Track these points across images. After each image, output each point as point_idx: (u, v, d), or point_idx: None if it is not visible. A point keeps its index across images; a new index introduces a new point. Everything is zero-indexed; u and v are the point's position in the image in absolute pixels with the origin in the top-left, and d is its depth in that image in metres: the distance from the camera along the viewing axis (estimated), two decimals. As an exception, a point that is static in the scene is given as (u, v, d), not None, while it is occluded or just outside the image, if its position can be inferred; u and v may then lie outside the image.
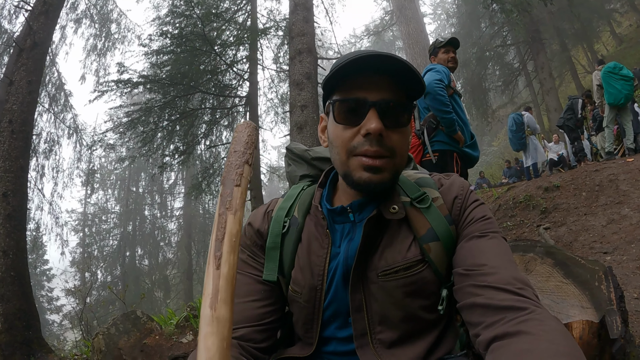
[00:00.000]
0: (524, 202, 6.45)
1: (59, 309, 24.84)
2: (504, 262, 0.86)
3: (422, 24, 19.13)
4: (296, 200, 1.13)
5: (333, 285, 1.00)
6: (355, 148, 0.92)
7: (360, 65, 0.91)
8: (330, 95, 0.99)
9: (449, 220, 0.98)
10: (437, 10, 40.52)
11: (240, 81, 11.62)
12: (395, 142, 0.93)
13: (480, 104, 20.69)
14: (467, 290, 0.85)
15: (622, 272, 3.42)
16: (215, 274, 0.62)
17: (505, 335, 0.70)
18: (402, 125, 0.95)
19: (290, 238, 1.06)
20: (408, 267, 0.95)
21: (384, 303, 0.95)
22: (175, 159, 10.82)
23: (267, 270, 1.06)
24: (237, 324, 0.99)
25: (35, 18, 7.66)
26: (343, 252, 0.99)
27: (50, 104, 12.45)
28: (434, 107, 3.34)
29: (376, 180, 0.92)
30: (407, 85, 0.95)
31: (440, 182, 1.06)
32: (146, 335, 4.23)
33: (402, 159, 0.97)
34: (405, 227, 0.99)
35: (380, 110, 0.91)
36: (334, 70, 0.92)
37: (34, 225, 13.94)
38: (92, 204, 29.52)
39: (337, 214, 1.03)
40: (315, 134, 6.54)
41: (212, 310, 0.59)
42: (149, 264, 28.09)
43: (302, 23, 7.53)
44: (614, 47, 24.80)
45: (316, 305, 1.01)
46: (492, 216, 0.99)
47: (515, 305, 0.75)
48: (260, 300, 1.04)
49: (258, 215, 1.14)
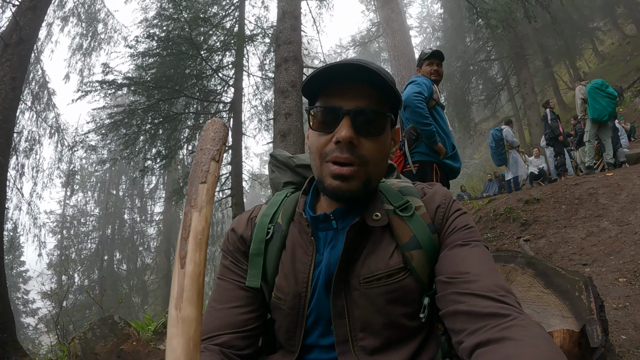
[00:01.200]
0: (505, 214, 6.53)
1: (34, 312, 24.39)
2: (487, 270, 0.86)
3: (408, 36, 19.31)
4: (280, 207, 1.13)
5: (316, 293, 0.99)
6: (327, 154, 0.93)
7: (338, 74, 0.91)
8: (312, 102, 1.00)
9: (432, 228, 0.99)
10: (423, 24, 41.19)
11: (225, 87, 11.59)
12: (368, 151, 0.93)
13: (463, 117, 20.99)
14: (450, 297, 0.85)
15: (601, 284, 3.48)
16: (181, 273, 0.60)
17: (488, 341, 0.70)
18: (375, 134, 0.95)
19: (274, 245, 1.05)
20: (390, 275, 0.95)
21: (366, 310, 0.95)
22: (157, 162, 10.71)
23: (250, 277, 1.04)
24: (219, 330, 0.98)
25: (23, 13, 7.54)
26: (326, 259, 0.99)
27: (33, 102, 12.23)
28: (413, 120, 3.38)
29: (345, 187, 0.92)
30: (387, 95, 0.96)
31: (424, 191, 1.07)
32: (123, 340, 4.16)
33: (377, 167, 0.97)
34: (388, 235, 0.99)
35: (353, 119, 0.91)
36: (309, 78, 0.93)
37: (12, 225, 13.65)
38: (71, 206, 29.04)
39: (320, 221, 1.03)
40: (298, 142, 6.55)
41: (177, 311, 0.57)
42: (127, 268, 27.66)
43: (290, 31, 7.55)
44: (596, 65, 25.50)
45: (300, 312, 1.00)
46: (474, 225, 1.00)
47: (498, 312, 0.75)
48: (243, 307, 1.03)
49: (241, 222, 1.13)
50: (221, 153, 0.75)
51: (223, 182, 11.42)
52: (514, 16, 10.52)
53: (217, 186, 5.39)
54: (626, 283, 3.46)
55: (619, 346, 2.51)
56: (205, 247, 0.63)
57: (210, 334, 0.97)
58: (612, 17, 24.32)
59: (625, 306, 3.09)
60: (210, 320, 1.01)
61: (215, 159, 0.73)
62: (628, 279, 3.52)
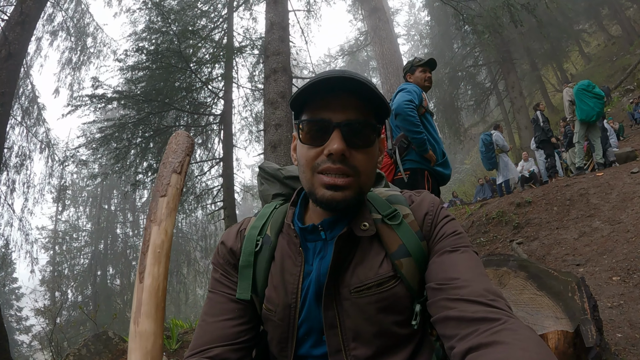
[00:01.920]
0: (497, 218, 6.56)
1: (28, 329, 24.10)
2: (476, 275, 0.87)
3: (396, 44, 19.50)
4: (269, 219, 1.13)
5: (306, 303, 0.99)
6: (318, 165, 0.93)
7: (324, 87, 0.91)
8: (299, 115, 1.00)
9: (420, 236, 1.00)
10: (410, 32, 41.63)
11: (215, 99, 11.59)
12: (360, 162, 0.94)
13: (453, 123, 21.09)
14: (440, 304, 0.85)
15: (595, 283, 3.49)
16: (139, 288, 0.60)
17: (479, 346, 0.70)
18: (366, 146, 0.95)
19: (263, 256, 1.05)
20: (380, 284, 0.95)
21: (357, 319, 0.95)
22: (148, 176, 10.64)
23: (240, 289, 1.04)
24: (211, 343, 0.98)
25: (12, 28, 7.50)
26: (315, 269, 0.99)
27: (23, 117, 12.12)
28: (404, 128, 3.39)
29: (338, 198, 0.92)
30: (375, 105, 0.96)
31: (411, 199, 1.08)
32: (118, 356, 4.13)
33: (368, 177, 0.97)
34: (377, 244, 1.00)
35: (344, 131, 0.92)
36: (297, 93, 0.93)
37: (3, 242, 13.51)
38: (63, 221, 28.71)
39: (308, 232, 1.03)
40: (289, 153, 6.54)
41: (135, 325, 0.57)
42: (120, 283, 27.36)
43: (278, 42, 7.57)
44: (582, 66, 25.86)
45: (290, 323, 1.00)
46: (462, 231, 1.01)
47: (489, 317, 0.75)
48: (234, 319, 1.02)
49: (231, 234, 1.13)
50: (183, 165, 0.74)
51: (215, 194, 11.38)
52: (500, 21, 10.61)
53: (209, 198, 5.31)
54: (620, 281, 3.48)
55: (615, 344, 2.52)
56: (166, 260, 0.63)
57: (202, 347, 0.97)
58: (597, 19, 24.68)
59: (619, 304, 3.10)
60: (202, 333, 1.00)
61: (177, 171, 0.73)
62: (622, 277, 3.54)
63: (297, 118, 1.00)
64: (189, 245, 23.25)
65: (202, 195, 11.71)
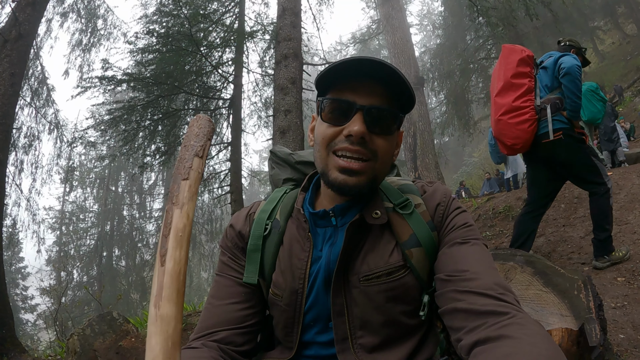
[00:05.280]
0: (504, 212, 6.53)
1: (33, 308, 24.35)
2: (486, 268, 0.86)
3: (408, 34, 19.27)
4: (279, 203, 1.13)
5: (314, 290, 0.99)
6: (335, 145, 0.93)
7: (355, 69, 0.91)
8: (324, 94, 0.99)
9: (431, 226, 0.99)
10: (423, 21, 41.12)
11: (225, 83, 11.54)
12: (379, 147, 0.93)
13: (463, 115, 20.89)
14: (449, 295, 0.85)
15: (600, 282, 3.48)
16: (160, 271, 0.60)
17: (487, 339, 0.70)
18: (387, 133, 0.95)
19: (271, 241, 1.05)
20: (390, 273, 0.95)
21: (365, 308, 0.95)
22: (156, 159, 10.67)
23: (248, 273, 1.05)
24: (217, 326, 0.98)
25: (22, 9, 7.49)
26: (325, 256, 0.99)
27: (32, 98, 12.14)
28: (569, 89, 3.38)
29: (351, 182, 0.92)
30: (400, 96, 0.95)
31: (424, 189, 1.07)
32: (122, 337, 4.15)
33: (384, 164, 0.97)
34: (388, 233, 0.99)
35: (366, 115, 0.91)
36: (328, 69, 0.92)
37: (11, 221, 13.56)
38: (70, 202, 28.97)
39: (319, 217, 1.03)
40: (297, 139, 6.53)
41: (156, 309, 0.57)
42: (126, 265, 27.59)
43: (290, 28, 7.52)
44: (596, 64, 25.50)
45: (297, 308, 1.00)
46: (473, 223, 1.00)
47: (497, 310, 0.75)
48: (241, 303, 1.03)
49: (240, 218, 1.13)
50: (205, 149, 0.74)
51: (222, 178, 11.39)
52: (514, 14, 10.47)
53: (216, 182, 5.31)
54: (624, 282, 3.46)
55: (617, 345, 2.51)
56: (187, 244, 0.63)
57: (208, 330, 0.97)
58: (612, 17, 24.30)
59: (623, 305, 3.09)
60: (208, 316, 1.01)
61: (199, 155, 0.73)
62: (627, 278, 3.52)
63: (321, 96, 1.00)
64: (195, 228, 23.33)
65: (209, 179, 11.73)
